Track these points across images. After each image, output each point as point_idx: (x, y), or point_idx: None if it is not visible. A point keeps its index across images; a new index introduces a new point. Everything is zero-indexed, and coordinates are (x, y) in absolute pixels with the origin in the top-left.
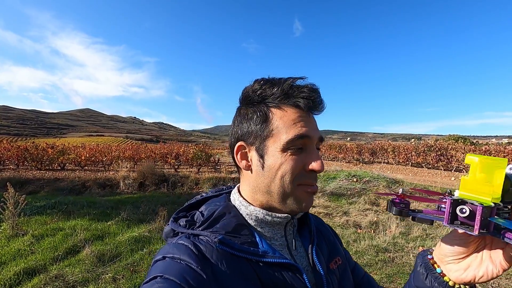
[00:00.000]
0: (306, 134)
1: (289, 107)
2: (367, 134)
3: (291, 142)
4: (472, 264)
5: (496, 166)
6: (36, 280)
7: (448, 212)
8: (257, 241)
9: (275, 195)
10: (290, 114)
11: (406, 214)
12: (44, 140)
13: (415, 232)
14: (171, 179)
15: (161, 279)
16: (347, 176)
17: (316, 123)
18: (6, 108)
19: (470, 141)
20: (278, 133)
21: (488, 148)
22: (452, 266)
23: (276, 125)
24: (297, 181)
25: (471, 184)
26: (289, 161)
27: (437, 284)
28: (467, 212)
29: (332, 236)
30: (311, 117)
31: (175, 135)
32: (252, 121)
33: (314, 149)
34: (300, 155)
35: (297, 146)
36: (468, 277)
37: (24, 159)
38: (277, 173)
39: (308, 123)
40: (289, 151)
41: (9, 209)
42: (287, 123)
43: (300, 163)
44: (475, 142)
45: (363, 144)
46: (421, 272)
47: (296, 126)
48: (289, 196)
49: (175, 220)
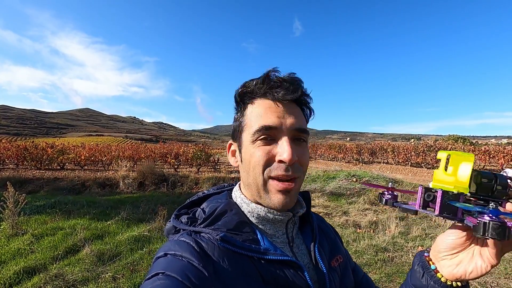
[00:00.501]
0: (271, 124)
1: (261, 100)
2: (366, 134)
3: (257, 133)
4: (463, 259)
5: (462, 160)
6: (36, 279)
7: (420, 198)
8: (259, 238)
9: (253, 189)
10: (260, 105)
11: (392, 204)
12: (43, 139)
13: (415, 231)
14: (170, 179)
15: (163, 275)
16: (347, 176)
17: (293, 112)
18: (5, 107)
19: (469, 141)
20: (249, 125)
21: (488, 148)
22: (446, 262)
23: (249, 118)
24: (268, 173)
25: (439, 176)
26: (257, 152)
27: (433, 282)
28: (431, 196)
29: (333, 235)
30: (286, 106)
31: (174, 135)
32: (235, 120)
33: (285, 139)
34: (269, 146)
35: (267, 137)
36: (459, 272)
37: (24, 159)
38: (249, 165)
39: (279, 113)
40: (258, 142)
41: (9, 208)
42: (256, 114)
43: (269, 153)
44: (474, 142)
45: (362, 144)
46: (418, 270)
47: (263, 117)
48: (262, 189)
49: (177, 217)
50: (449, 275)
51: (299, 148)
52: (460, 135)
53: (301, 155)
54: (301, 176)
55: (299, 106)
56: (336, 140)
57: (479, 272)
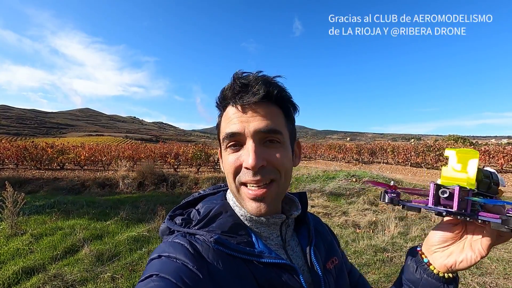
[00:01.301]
0: (234, 130)
1: (229, 107)
2: (366, 134)
3: (225, 141)
4: (454, 251)
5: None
6: (35, 279)
7: (432, 195)
8: (253, 241)
9: (233, 195)
10: (227, 112)
11: (397, 202)
12: (43, 139)
13: (414, 232)
14: (170, 179)
15: (157, 277)
16: (346, 176)
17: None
18: (5, 107)
19: (469, 142)
20: (221, 133)
21: (488, 149)
22: (437, 254)
23: (221, 126)
24: (239, 180)
25: (450, 173)
26: (228, 159)
27: (426, 275)
28: (447, 193)
29: (330, 236)
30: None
31: (174, 135)
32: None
33: (250, 144)
34: (237, 152)
35: (235, 143)
36: (450, 262)
37: (24, 159)
38: (226, 172)
39: (242, 117)
40: (229, 149)
41: (8, 208)
42: (224, 122)
43: (237, 160)
44: (474, 143)
45: (362, 144)
46: (411, 265)
47: (228, 124)
48: (238, 197)
49: (171, 218)
50: (440, 266)
51: (269, 150)
52: (460, 135)
53: (272, 157)
54: (277, 180)
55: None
56: (336, 140)
57: (469, 263)
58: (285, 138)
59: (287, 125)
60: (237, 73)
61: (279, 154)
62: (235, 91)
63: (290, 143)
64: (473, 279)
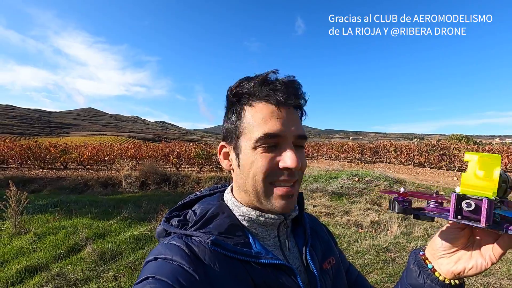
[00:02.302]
0: (276, 132)
1: (261, 103)
2: (369, 134)
3: (260, 140)
4: (462, 257)
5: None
6: (38, 278)
7: (453, 207)
8: (250, 242)
9: (251, 194)
10: (261, 110)
11: (410, 212)
12: (47, 139)
13: (417, 232)
14: (172, 178)
15: (153, 279)
16: (349, 175)
17: (294, 118)
18: (10, 107)
19: (473, 141)
20: (250, 131)
21: (492, 148)
22: (443, 260)
23: (248, 122)
24: (269, 180)
25: (472, 180)
26: (259, 159)
27: (430, 281)
28: (472, 206)
29: (327, 236)
30: (288, 112)
31: (177, 134)
32: (229, 121)
33: (288, 145)
34: (272, 153)
35: (269, 144)
36: (458, 269)
37: (27, 158)
38: (249, 172)
39: (281, 119)
40: (260, 149)
41: (12, 207)
42: (258, 120)
43: (271, 161)
44: (478, 142)
45: (365, 144)
46: (414, 270)
47: (267, 124)
48: (263, 196)
49: (167, 220)
50: (447, 272)
51: (299, 154)
52: (463, 135)
53: (302, 160)
54: (299, 180)
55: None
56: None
57: (479, 269)
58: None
59: None
60: (274, 70)
61: (304, 158)
62: (275, 88)
63: None
64: (477, 279)
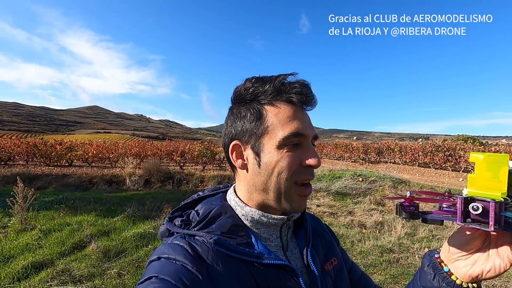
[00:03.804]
0: (301, 131)
1: (283, 104)
2: (373, 134)
3: (287, 139)
4: (479, 259)
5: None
6: (43, 273)
7: (461, 210)
8: (253, 242)
9: (271, 193)
10: (285, 110)
11: (418, 216)
12: (52, 136)
13: (421, 233)
14: (176, 177)
15: (156, 279)
16: (353, 175)
17: (309, 119)
18: (16, 105)
19: (479, 142)
20: (274, 130)
21: (498, 149)
22: (460, 263)
23: (271, 122)
24: (294, 178)
25: (479, 182)
26: (285, 158)
27: (445, 284)
28: (479, 209)
29: (329, 236)
30: (305, 113)
31: (181, 133)
32: (246, 119)
33: (310, 145)
34: (296, 152)
35: (293, 143)
36: (476, 272)
37: (33, 155)
38: (274, 170)
39: (303, 119)
40: (285, 148)
41: (19, 203)
42: (282, 120)
43: (297, 159)
44: (484, 143)
45: (369, 144)
46: (428, 272)
47: (292, 123)
48: (284, 194)
49: (170, 219)
50: (464, 275)
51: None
52: (469, 135)
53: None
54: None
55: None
56: (342, 139)
57: (497, 271)
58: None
59: None
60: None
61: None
62: (297, 91)
63: None
64: (482, 282)
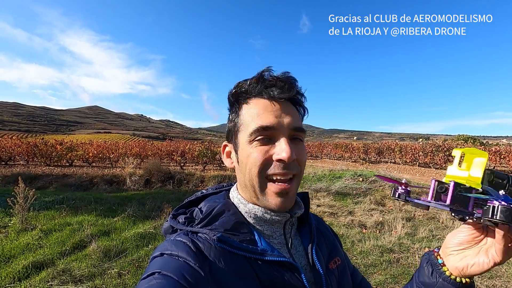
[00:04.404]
0: (269, 124)
1: (255, 99)
2: (374, 134)
3: (254, 133)
4: (468, 255)
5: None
6: (44, 273)
7: (432, 190)
8: (256, 239)
9: (251, 190)
10: (256, 105)
11: (404, 199)
12: (53, 136)
13: (421, 233)
14: (176, 177)
15: (159, 275)
16: (353, 175)
17: (290, 111)
18: (17, 105)
19: (479, 142)
20: (246, 126)
21: (498, 149)
22: (452, 257)
23: (245, 119)
24: (264, 173)
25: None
26: (254, 152)
27: (442, 279)
28: (443, 188)
29: (332, 237)
30: (283, 106)
31: (181, 133)
32: (229, 121)
33: (283, 138)
34: (267, 145)
35: (264, 137)
36: (461, 265)
37: (34, 155)
38: (246, 166)
39: (276, 112)
40: (255, 142)
41: (19, 203)
42: (252, 115)
43: (266, 153)
44: (485, 143)
45: (369, 144)
46: (426, 268)
47: (260, 117)
48: (259, 191)
49: (174, 216)
50: (452, 268)
51: (296, 146)
52: (470, 135)
53: (299, 153)
54: (298, 175)
55: (293, 105)
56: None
57: (480, 267)
58: (304, 138)
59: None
60: (268, 68)
61: (302, 151)
62: (268, 84)
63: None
64: (482, 281)
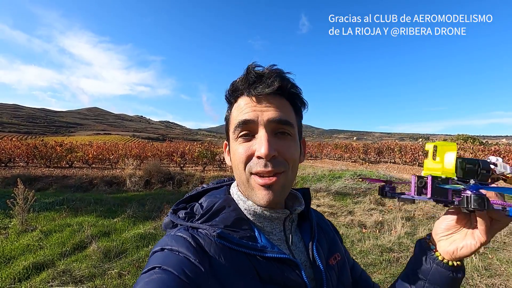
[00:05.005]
0: (247, 118)
1: (242, 97)
2: (373, 134)
3: (237, 129)
4: (456, 239)
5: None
6: (44, 274)
7: (413, 186)
8: (256, 235)
9: (242, 186)
10: (239, 103)
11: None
12: (53, 138)
13: (421, 232)
14: (176, 177)
15: (159, 269)
16: (353, 175)
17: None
18: (16, 106)
19: (479, 141)
20: (232, 123)
21: (498, 148)
22: (442, 242)
23: (232, 117)
24: (249, 169)
25: (430, 165)
26: (239, 148)
27: (436, 264)
28: (423, 183)
29: (332, 232)
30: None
31: (181, 134)
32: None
33: (263, 133)
34: (250, 142)
35: (248, 133)
36: (451, 248)
37: (34, 157)
38: (235, 162)
39: (255, 107)
40: (240, 139)
41: (19, 205)
42: (236, 112)
43: (248, 149)
44: (484, 142)
45: (369, 144)
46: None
47: (241, 112)
48: (247, 187)
49: (175, 211)
50: (443, 252)
51: (280, 141)
52: (469, 135)
53: (283, 148)
54: (286, 171)
55: (287, 99)
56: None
57: (469, 249)
58: (295, 132)
59: (297, 120)
60: (252, 65)
61: (289, 146)
62: (250, 81)
63: (298, 137)
64: (482, 280)
